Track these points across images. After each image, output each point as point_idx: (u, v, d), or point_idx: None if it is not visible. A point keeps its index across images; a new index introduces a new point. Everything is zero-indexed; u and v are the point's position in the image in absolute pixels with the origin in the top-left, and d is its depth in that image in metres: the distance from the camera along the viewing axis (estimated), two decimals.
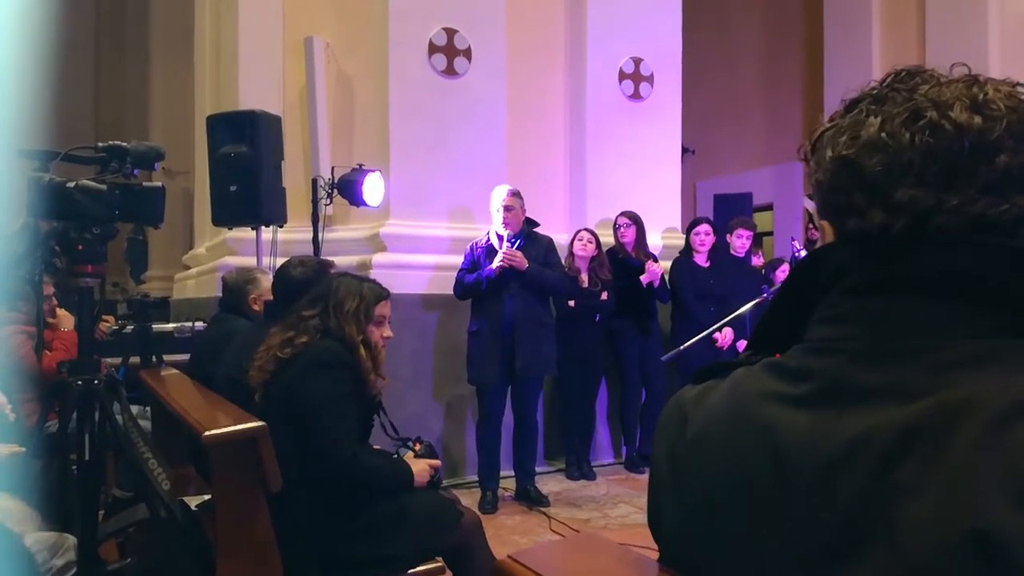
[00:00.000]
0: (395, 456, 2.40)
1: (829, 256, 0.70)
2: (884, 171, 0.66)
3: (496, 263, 4.05)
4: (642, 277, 4.70)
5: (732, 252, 5.17)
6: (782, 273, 5.55)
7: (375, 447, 2.46)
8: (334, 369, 2.20)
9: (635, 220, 4.91)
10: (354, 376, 2.24)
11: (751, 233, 5.28)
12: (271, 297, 2.98)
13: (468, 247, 4.31)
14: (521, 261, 4.05)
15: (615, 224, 4.97)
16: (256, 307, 3.33)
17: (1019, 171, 0.63)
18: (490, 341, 4.10)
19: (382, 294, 2.38)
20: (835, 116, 0.72)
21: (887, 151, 0.65)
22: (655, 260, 4.85)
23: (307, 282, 2.64)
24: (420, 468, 2.32)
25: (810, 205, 0.79)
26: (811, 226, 7.65)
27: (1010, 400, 0.57)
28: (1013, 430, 0.55)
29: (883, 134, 0.66)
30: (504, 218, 4.13)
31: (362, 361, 2.25)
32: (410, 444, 2.46)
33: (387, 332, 2.38)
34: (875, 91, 0.70)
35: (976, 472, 0.55)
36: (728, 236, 5.21)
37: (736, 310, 4.03)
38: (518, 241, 4.14)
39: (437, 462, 2.41)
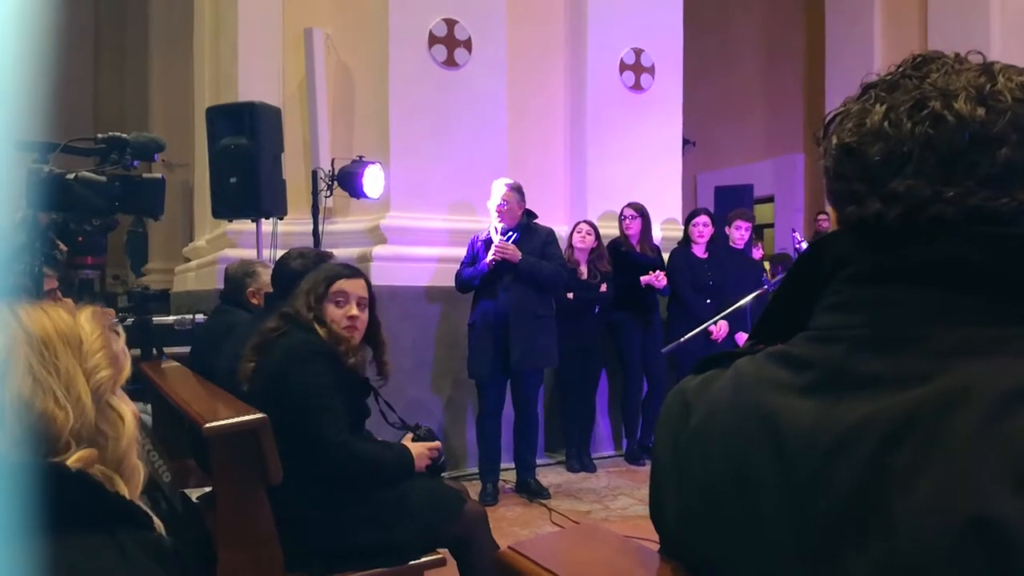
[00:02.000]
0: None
1: (831, 245, 0.70)
2: (883, 160, 0.65)
3: (489, 257, 4.05)
4: (643, 278, 4.67)
5: (731, 244, 5.16)
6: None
7: (371, 435, 2.45)
8: (309, 362, 2.18)
9: (641, 212, 4.89)
10: (331, 364, 2.21)
11: (750, 225, 5.26)
12: (270, 290, 2.98)
13: (470, 240, 4.31)
14: (514, 253, 4.03)
15: (620, 215, 4.95)
16: (255, 300, 3.31)
17: (1021, 165, 0.62)
18: (484, 335, 4.10)
19: (341, 272, 2.34)
20: (848, 101, 0.71)
21: (888, 140, 0.65)
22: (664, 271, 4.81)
23: (306, 273, 2.63)
24: (419, 451, 2.29)
25: None
26: (820, 216, 7.64)
27: (1008, 387, 0.57)
28: (1012, 417, 0.55)
29: (886, 123, 0.65)
30: (498, 213, 4.14)
31: (326, 342, 2.22)
32: (412, 426, 2.45)
33: (352, 311, 2.30)
34: (889, 77, 0.69)
35: (975, 458, 0.55)
36: (727, 228, 5.20)
37: (733, 302, 4.02)
38: (513, 234, 4.13)
39: (437, 443, 2.37)
